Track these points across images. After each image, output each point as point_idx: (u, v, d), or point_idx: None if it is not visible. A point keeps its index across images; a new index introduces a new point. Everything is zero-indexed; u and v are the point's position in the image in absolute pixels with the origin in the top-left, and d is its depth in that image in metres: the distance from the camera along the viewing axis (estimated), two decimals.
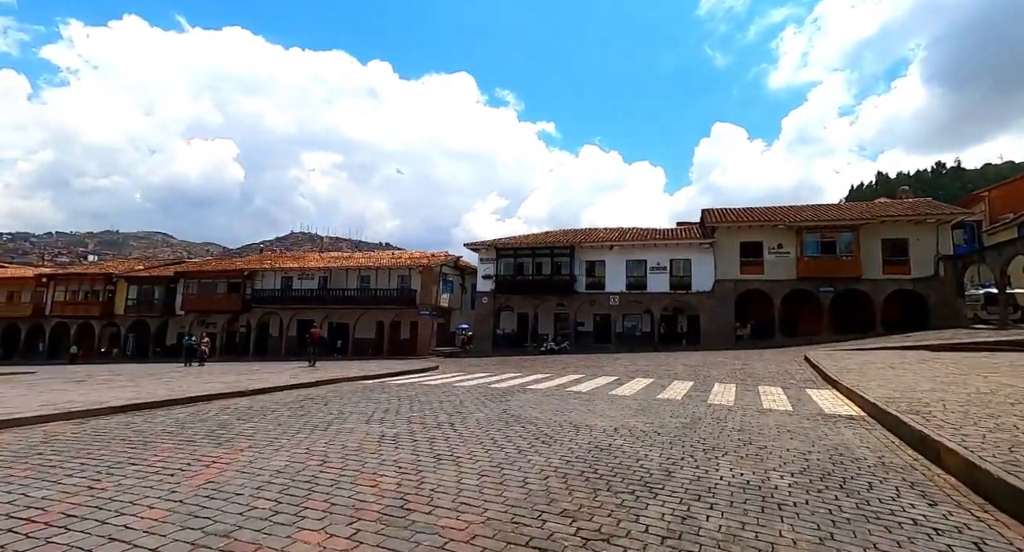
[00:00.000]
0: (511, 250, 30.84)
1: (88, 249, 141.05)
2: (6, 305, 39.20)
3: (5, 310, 38.99)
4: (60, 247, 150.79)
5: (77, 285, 38.33)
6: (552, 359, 20.78)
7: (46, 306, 38.16)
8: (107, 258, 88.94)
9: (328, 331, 34.53)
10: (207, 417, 6.90)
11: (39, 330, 38.44)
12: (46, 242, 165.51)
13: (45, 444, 5.25)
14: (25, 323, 38.48)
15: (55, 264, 71.49)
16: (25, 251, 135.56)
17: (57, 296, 38.13)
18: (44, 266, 55.95)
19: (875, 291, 24.08)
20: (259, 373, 14.38)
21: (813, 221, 25.21)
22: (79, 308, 37.38)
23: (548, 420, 6.51)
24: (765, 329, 25.82)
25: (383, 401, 8.34)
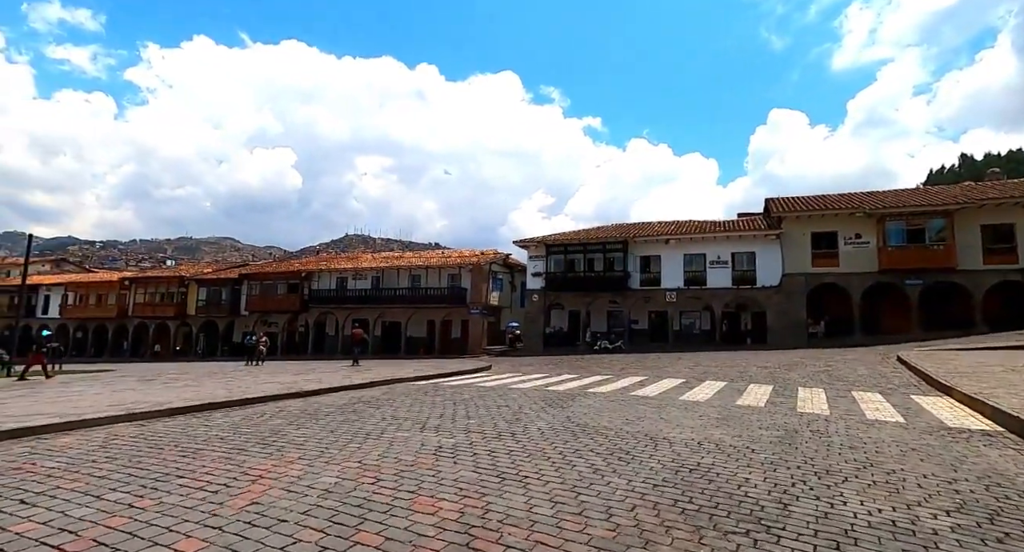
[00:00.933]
0: (561, 246, 30.09)
1: (166, 255, 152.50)
2: (95, 307, 42.59)
3: (95, 311, 42.38)
4: (143, 253, 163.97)
5: (154, 288, 41.12)
6: (607, 359, 19.91)
7: (128, 307, 41.16)
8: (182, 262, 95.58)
9: (381, 330, 35.16)
10: (260, 421, 6.71)
11: (123, 330, 41.55)
12: (131, 249, 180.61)
13: (102, 449, 5.15)
14: (111, 323, 41.72)
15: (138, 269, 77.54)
16: (114, 257, 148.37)
17: (137, 298, 41.07)
18: (128, 271, 60.67)
19: (974, 284, 21.49)
20: (314, 373, 14.49)
21: (898, 207, 22.84)
22: (156, 309, 40.06)
23: (619, 430, 5.83)
24: (841, 327, 23.71)
25: (438, 405, 7.93)
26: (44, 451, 5.11)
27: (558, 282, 29.91)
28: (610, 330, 29.58)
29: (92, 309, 42.48)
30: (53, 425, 6.13)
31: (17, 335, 20.09)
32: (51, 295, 44.65)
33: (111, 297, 42.01)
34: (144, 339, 40.47)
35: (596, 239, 29.47)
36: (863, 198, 25.34)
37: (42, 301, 44.85)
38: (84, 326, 43.41)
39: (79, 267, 61.14)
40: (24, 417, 6.72)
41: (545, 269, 30.37)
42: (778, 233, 24.88)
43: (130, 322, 41.04)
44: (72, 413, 6.92)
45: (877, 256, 22.97)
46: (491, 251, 36.82)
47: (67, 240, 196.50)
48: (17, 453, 5.03)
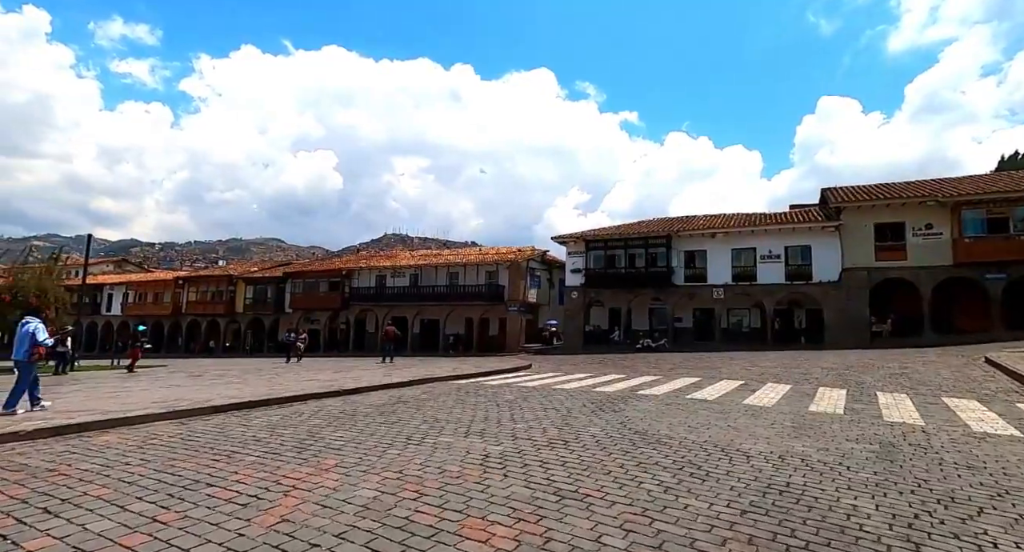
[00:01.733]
0: (601, 242, 29.24)
1: (218, 255, 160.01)
2: (153, 304, 44.84)
3: (152, 309, 44.61)
4: (197, 254, 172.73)
5: (205, 286, 42.87)
6: (652, 358, 19.05)
7: (183, 305, 43.08)
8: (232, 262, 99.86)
9: (419, 328, 35.32)
10: (298, 421, 6.47)
11: (178, 326, 43.55)
12: (186, 250, 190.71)
13: (139, 449, 4.98)
14: (167, 320, 43.80)
15: (192, 269, 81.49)
16: (171, 258, 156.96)
17: (190, 296, 42.92)
18: (182, 271, 63.77)
19: None
20: (354, 370, 14.42)
21: (977, 194, 20.80)
22: (207, 307, 41.75)
23: (683, 439, 5.22)
24: (909, 325, 21.88)
25: (480, 406, 7.50)
26: (83, 450, 4.98)
27: (598, 278, 29.08)
28: (652, 328, 28.55)
29: (150, 307, 44.73)
30: (97, 422, 6.08)
31: (82, 331, 21.11)
32: (114, 293, 47.30)
33: (167, 295, 44.09)
34: (196, 335, 42.27)
35: (638, 234, 28.46)
36: (934, 185, 23.30)
37: (106, 299, 47.57)
38: (143, 323, 45.77)
39: (139, 267, 64.75)
40: (74, 413, 6.73)
41: (584, 265, 29.61)
42: (837, 225, 23.20)
43: (184, 319, 42.95)
44: (118, 410, 6.90)
45: (951, 248, 21.02)
46: (529, 248, 36.34)
47: (130, 242, 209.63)
48: (57, 452, 4.93)
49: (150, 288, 45.67)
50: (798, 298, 25.14)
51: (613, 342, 28.78)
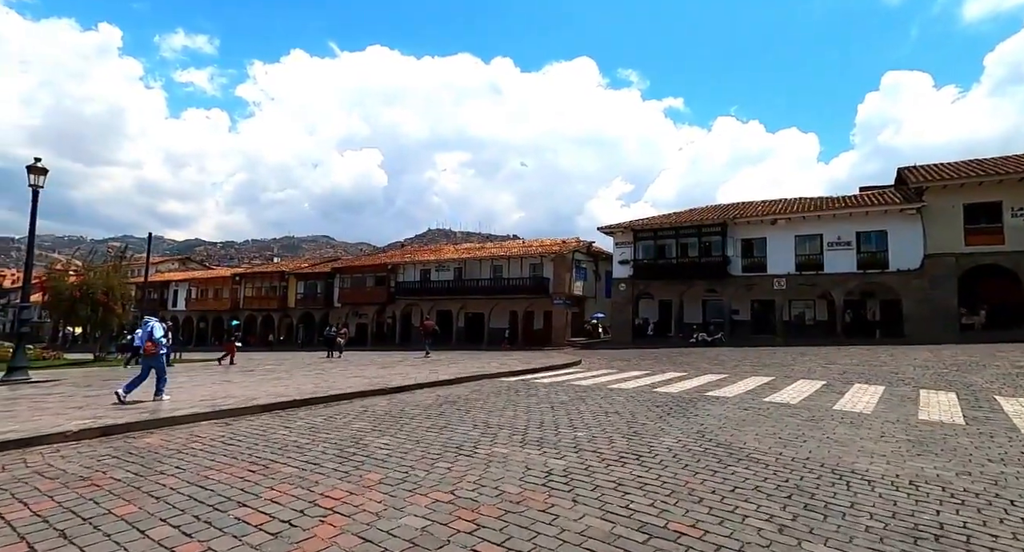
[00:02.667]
0: (651, 231, 27.97)
1: (273, 253, 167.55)
2: (213, 300, 47.13)
3: (212, 304, 46.89)
4: (254, 252, 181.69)
5: (260, 282, 44.56)
6: (710, 353, 17.87)
7: (239, 300, 44.99)
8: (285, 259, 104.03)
9: (464, 321, 35.23)
10: (342, 424, 6.09)
11: (225, 322, 45.56)
12: (244, 248, 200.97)
13: (177, 455, 4.70)
14: (226, 314, 45.85)
15: (250, 265, 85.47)
16: (231, 256, 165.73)
17: (246, 292, 44.76)
18: (240, 268, 66.84)
19: None
20: (400, 366, 14.19)
21: None
22: (262, 302, 43.39)
23: (779, 456, 4.42)
24: (1007, 316, 19.54)
25: (534, 409, 6.91)
26: (123, 454, 4.75)
27: (647, 270, 27.87)
28: (706, 321, 27.09)
29: (210, 302, 47.03)
30: (143, 422, 5.92)
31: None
32: (178, 290, 50.06)
33: (225, 291, 46.20)
34: (252, 329, 44.04)
35: (690, 222, 26.99)
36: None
37: (172, 295, 50.44)
38: (205, 317, 48.20)
39: (201, 265, 68.43)
40: (122, 412, 6.66)
41: (633, 256, 28.45)
42: (918, 207, 20.99)
43: (241, 314, 44.84)
44: (165, 409, 6.78)
45: None
46: (574, 239, 35.43)
47: (195, 242, 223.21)
48: (98, 455, 4.72)
49: (210, 284, 48.01)
50: (872, 288, 23.06)
51: (650, 336, 27.58)
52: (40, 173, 11.84)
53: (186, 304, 48.56)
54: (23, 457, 4.73)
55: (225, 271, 54.19)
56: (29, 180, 11.67)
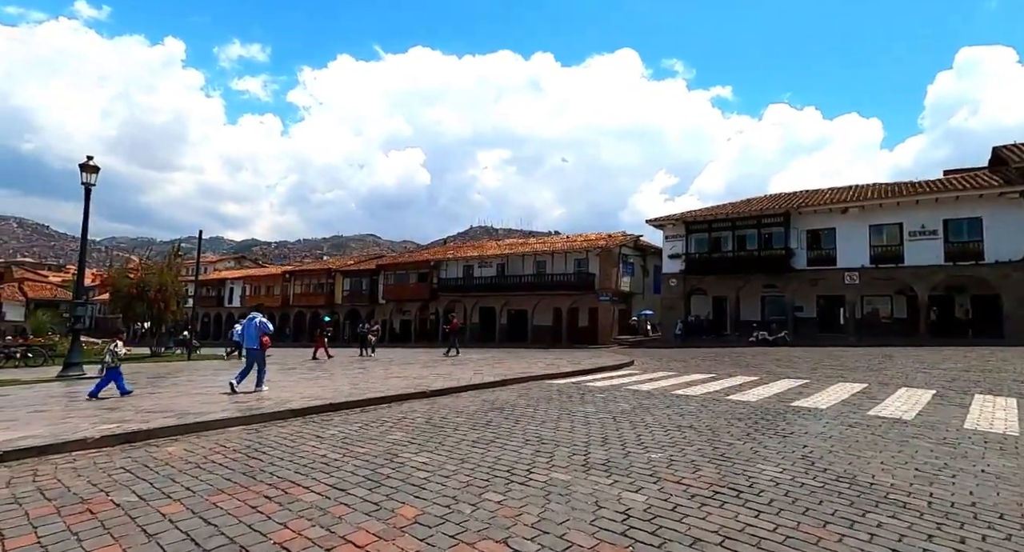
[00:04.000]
0: (704, 223, 26.30)
1: (323, 252, 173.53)
2: (265, 297, 48.70)
3: (265, 301, 48.42)
4: (305, 251, 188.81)
5: (309, 279, 45.66)
6: (776, 353, 16.34)
7: (290, 297, 46.28)
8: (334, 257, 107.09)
9: (507, 318, 34.59)
10: (378, 434, 5.45)
11: (286, 317, 46.91)
12: (296, 247, 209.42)
13: (195, 470, 4.16)
14: (277, 311, 47.34)
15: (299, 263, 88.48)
16: (284, 255, 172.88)
17: (296, 289, 45.98)
18: (290, 266, 69.08)
19: None
20: (442, 365, 13.61)
21: None
22: (310, 298, 44.41)
23: (928, 498, 3.36)
24: None
25: (592, 420, 6.04)
26: (138, 467, 4.27)
27: (701, 264, 26.25)
28: (765, 319, 25.20)
29: (263, 298, 48.60)
30: (170, 428, 5.49)
31: (200, 321, 22.77)
32: (234, 287, 52.11)
33: (276, 288, 47.66)
34: (302, 325, 45.18)
35: (748, 213, 25.15)
36: None
37: (228, 292, 52.61)
38: None
39: (255, 264, 71.28)
40: (151, 414, 6.30)
41: (684, 250, 26.89)
42: (1022, 190, 18.48)
43: (291, 310, 46.13)
44: (194, 412, 6.38)
45: None
46: (620, 233, 34.08)
47: (251, 242, 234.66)
48: (112, 468, 4.26)
49: (263, 282, 49.68)
50: (962, 282, 20.62)
51: (703, 335, 25.88)
52: (92, 171, 11.99)
53: (241, 301, 50.43)
54: (36, 467, 4.34)
55: (276, 269, 55.98)
56: (82, 178, 11.84)
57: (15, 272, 67.57)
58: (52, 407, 6.97)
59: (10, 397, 8.11)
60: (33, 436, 5.04)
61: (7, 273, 68.02)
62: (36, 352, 16.86)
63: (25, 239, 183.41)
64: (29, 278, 64.45)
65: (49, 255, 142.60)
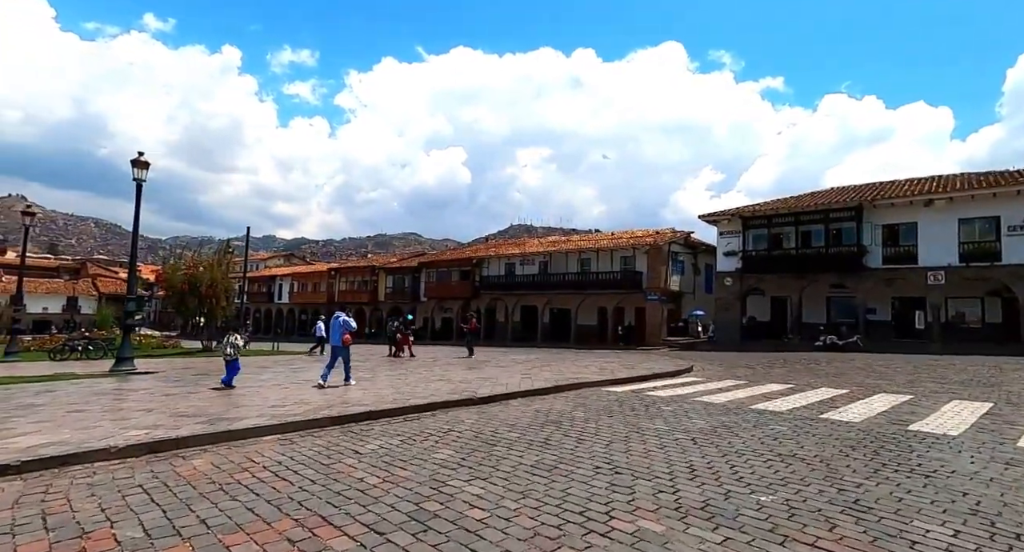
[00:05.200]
0: (764, 218, 24.54)
1: (367, 250, 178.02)
2: (312, 293, 49.90)
3: (311, 297, 49.65)
4: (350, 249, 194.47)
5: (353, 277, 46.37)
6: (852, 360, 14.74)
7: (335, 294, 47.15)
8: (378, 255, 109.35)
9: (549, 317, 33.74)
10: (421, 452, 4.78)
11: (331, 314, 47.83)
12: (342, 245, 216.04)
13: (213, 496, 3.61)
14: (323, 307, 48.33)
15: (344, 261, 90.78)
16: (330, 253, 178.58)
17: (341, 286, 46.78)
18: (335, 263, 70.83)
19: None
20: (487, 367, 12.96)
21: None
22: (355, 295, 45.04)
23: None
24: None
25: (668, 441, 5.16)
26: (154, 488, 3.77)
27: (759, 262, 24.51)
28: (834, 321, 23.20)
29: (310, 295, 49.83)
30: (198, 437, 5.04)
31: (250, 317, 23.23)
32: (283, 284, 53.70)
33: (322, 285, 48.67)
34: None
35: (815, 206, 23.21)
36: None
37: (277, 289, 54.30)
38: (305, 310, 51.25)
39: (303, 261, 73.55)
40: (184, 419, 5.91)
41: (741, 247, 25.19)
42: None
43: (336, 307, 47.00)
44: (227, 417, 5.94)
45: None
46: (668, 230, 32.55)
47: (300, 240, 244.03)
48: (127, 488, 3.78)
49: (310, 279, 50.91)
50: None
51: (791, 338, 24.08)
52: (143, 167, 12.06)
53: (289, 297, 51.93)
54: (51, 482, 3.92)
55: (322, 266, 57.34)
56: (133, 174, 11.92)
57: (89, 268, 72.58)
58: (91, 407, 6.74)
59: (56, 393, 8.03)
60: (58, 443, 4.68)
61: (83, 269, 73.17)
62: (96, 345, 17.45)
63: (101, 238, 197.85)
64: (100, 274, 69.04)
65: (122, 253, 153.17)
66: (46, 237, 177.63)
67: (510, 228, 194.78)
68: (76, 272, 70.79)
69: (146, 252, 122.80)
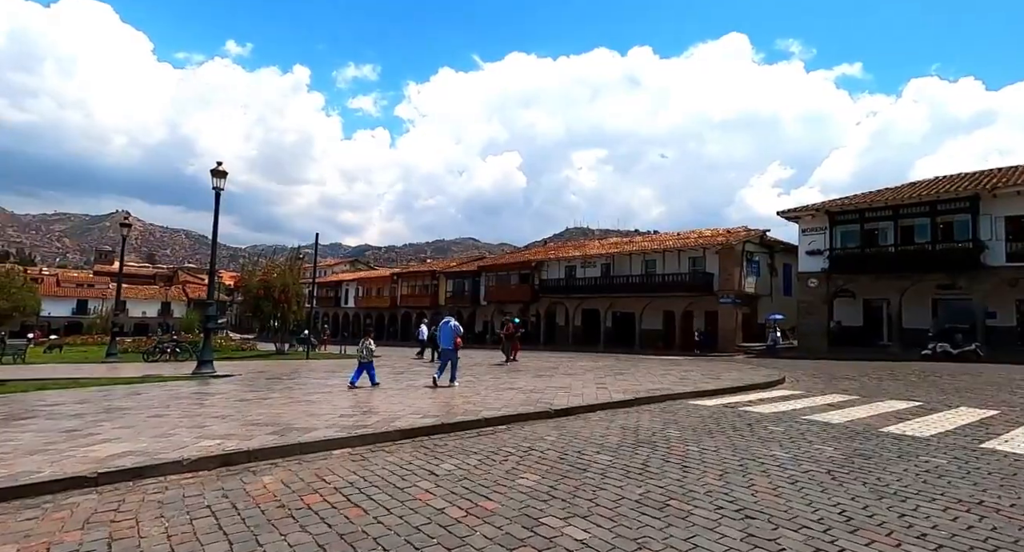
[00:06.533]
0: (855, 213, 22.24)
1: (427, 255, 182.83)
2: (375, 298, 51.41)
3: (375, 302, 51.16)
4: (410, 255, 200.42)
5: (414, 281, 47.26)
6: (979, 372, 12.70)
7: (397, 298, 48.27)
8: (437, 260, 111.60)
9: (612, 321, 32.55)
10: (504, 477, 4.22)
11: (394, 317, 49.03)
12: (403, 251, 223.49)
13: (288, 520, 3.23)
14: (387, 311, 49.71)
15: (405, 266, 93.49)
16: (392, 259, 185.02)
17: (403, 290, 47.82)
18: (397, 268, 72.89)
19: None
20: (556, 375, 12.30)
21: None
22: (416, 299, 45.85)
23: None
24: None
25: (795, 472, 4.29)
26: (224, 510, 3.46)
27: (849, 261, 22.24)
28: (940, 326, 20.51)
29: (374, 299, 51.36)
30: (270, 450, 4.77)
31: (319, 321, 23.99)
32: (349, 289, 55.78)
33: (385, 290, 50.02)
34: (408, 326, 46.84)
35: (917, 198, 20.71)
36: None
37: (343, 294, 56.47)
38: (370, 314, 52.89)
39: (367, 267, 76.32)
40: (256, 428, 5.72)
41: (827, 245, 22.97)
42: None
43: (398, 311, 48.09)
44: (298, 427, 5.70)
45: None
46: (741, 228, 30.52)
47: (365, 247, 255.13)
48: (201, 507, 3.49)
49: (373, 284, 52.52)
50: None
51: (891, 345, 21.65)
52: (220, 176, 12.52)
53: (354, 302, 53.82)
54: (123, 497, 3.73)
55: (385, 271, 59.08)
56: (212, 183, 12.39)
57: (180, 276, 79.29)
58: (170, 412, 6.78)
59: (142, 396, 8.28)
60: (136, 452, 4.56)
61: (175, 277, 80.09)
62: (183, 348, 18.54)
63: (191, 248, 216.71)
64: (189, 280, 75.14)
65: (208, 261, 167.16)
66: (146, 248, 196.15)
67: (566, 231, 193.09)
68: (169, 279, 77.57)
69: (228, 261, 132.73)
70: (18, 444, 4.95)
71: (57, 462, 4.26)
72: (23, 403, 7.72)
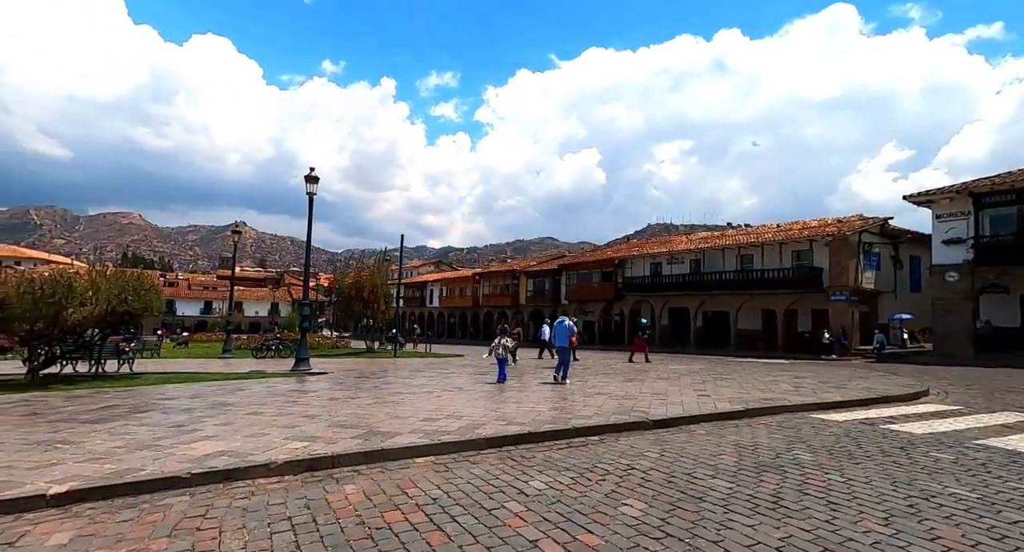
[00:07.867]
0: (1009, 194, 18.73)
1: (507, 255, 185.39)
2: (459, 297, 52.62)
3: (458, 301, 52.37)
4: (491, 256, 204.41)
5: (495, 281, 47.68)
6: None
7: (479, 298, 49.01)
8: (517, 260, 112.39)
9: (703, 321, 30.42)
10: (606, 501, 3.65)
11: (476, 317, 49.85)
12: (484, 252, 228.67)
13: (366, 542, 2.92)
14: (469, 311, 50.69)
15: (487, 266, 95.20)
16: (474, 260, 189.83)
17: (484, 290, 48.43)
18: (479, 268, 74.30)
19: None
20: (647, 378, 11.39)
21: None
22: (498, 299, 46.21)
23: None
24: None
25: (991, 518, 3.27)
26: (304, 524, 3.24)
27: (1001, 251, 18.81)
28: None
29: (457, 299, 52.60)
30: (352, 456, 4.59)
31: (407, 321, 24.77)
32: (433, 289, 57.66)
33: (468, 290, 50.99)
34: (490, 325, 47.34)
35: None
36: None
37: (428, 294, 58.50)
38: (453, 313, 54.27)
39: (451, 268, 78.66)
40: (342, 430, 5.63)
41: (971, 232, 19.58)
42: None
43: (480, 310, 48.80)
44: (382, 431, 5.52)
45: None
46: (855, 217, 27.19)
47: (448, 249, 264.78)
48: (282, 518, 3.30)
49: (456, 284, 53.81)
50: None
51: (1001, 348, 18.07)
52: (313, 181, 13.11)
53: (439, 302, 55.52)
54: (212, 502, 3.67)
55: (467, 272, 60.32)
56: (306, 188, 13.01)
57: (286, 279, 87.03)
58: (266, 409, 6.98)
59: (244, 392, 8.73)
60: (227, 452, 4.59)
61: (282, 280, 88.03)
62: (286, 345, 19.94)
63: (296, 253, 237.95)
64: (293, 283, 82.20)
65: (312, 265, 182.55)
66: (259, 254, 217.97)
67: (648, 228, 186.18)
68: (277, 282, 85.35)
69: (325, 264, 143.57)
70: (132, 438, 5.23)
71: (159, 459, 4.37)
72: (146, 396, 8.44)
